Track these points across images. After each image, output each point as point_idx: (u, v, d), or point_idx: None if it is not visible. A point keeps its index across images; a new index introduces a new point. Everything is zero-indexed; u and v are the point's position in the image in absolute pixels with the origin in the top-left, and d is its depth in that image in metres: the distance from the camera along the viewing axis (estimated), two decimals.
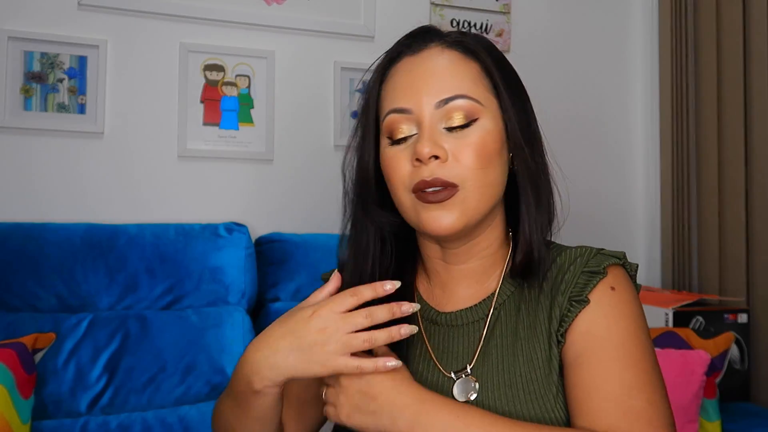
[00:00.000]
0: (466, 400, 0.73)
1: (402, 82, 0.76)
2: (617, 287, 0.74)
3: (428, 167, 0.72)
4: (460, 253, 0.79)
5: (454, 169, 0.72)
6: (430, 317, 0.81)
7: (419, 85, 0.74)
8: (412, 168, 0.73)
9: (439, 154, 0.72)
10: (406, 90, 0.75)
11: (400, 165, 0.74)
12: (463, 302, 0.80)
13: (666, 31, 2.08)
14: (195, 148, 1.72)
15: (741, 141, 1.87)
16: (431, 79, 0.74)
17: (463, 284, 0.80)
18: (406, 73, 0.76)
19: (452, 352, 0.78)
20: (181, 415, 1.31)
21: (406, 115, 0.74)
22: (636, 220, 2.21)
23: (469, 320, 0.78)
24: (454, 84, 0.74)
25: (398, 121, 0.75)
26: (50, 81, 1.61)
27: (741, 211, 1.87)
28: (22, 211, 1.56)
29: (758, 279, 1.81)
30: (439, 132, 0.73)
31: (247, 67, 1.77)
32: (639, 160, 2.21)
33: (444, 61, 0.75)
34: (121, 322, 1.39)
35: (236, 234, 1.56)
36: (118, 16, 1.67)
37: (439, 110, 0.73)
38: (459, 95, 0.73)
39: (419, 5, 1.97)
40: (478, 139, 0.73)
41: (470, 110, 0.74)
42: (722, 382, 1.53)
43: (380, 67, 0.80)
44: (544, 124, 0.86)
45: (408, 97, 0.75)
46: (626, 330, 0.71)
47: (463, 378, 0.75)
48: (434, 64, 0.75)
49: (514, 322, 0.76)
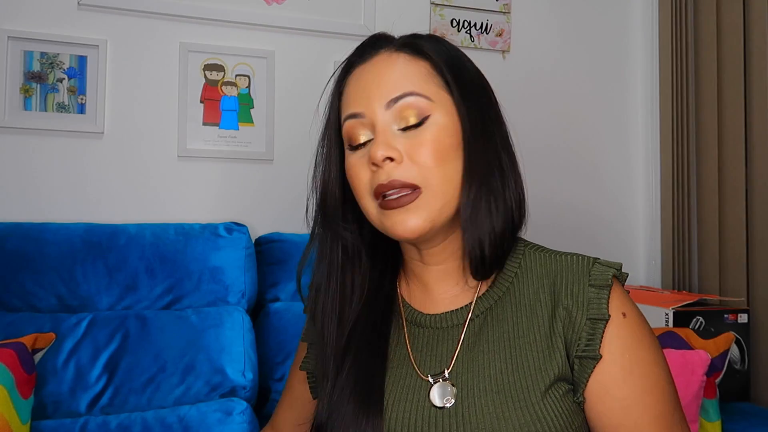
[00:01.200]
0: (442, 406, 0.72)
1: (354, 89, 0.77)
2: (626, 311, 0.73)
3: (384, 170, 0.71)
4: (436, 253, 0.78)
5: (411, 170, 0.71)
6: (414, 319, 0.80)
7: (369, 89, 0.75)
8: (371, 173, 0.73)
9: (392, 156, 0.71)
10: (358, 95, 0.76)
11: (361, 172, 0.75)
12: (445, 305, 0.79)
13: (666, 31, 2.08)
14: (195, 148, 1.72)
15: (741, 141, 1.87)
16: (380, 82, 0.75)
17: (444, 285, 0.80)
18: (357, 80, 0.78)
19: (433, 355, 0.77)
20: (181, 415, 1.31)
21: (359, 120, 0.75)
22: (636, 220, 2.21)
23: (452, 323, 0.77)
24: (402, 83, 0.74)
25: (354, 127, 0.75)
26: (50, 81, 1.61)
27: (741, 211, 1.87)
28: (21, 211, 1.56)
29: (758, 279, 1.81)
30: (392, 134, 0.73)
31: (247, 67, 1.77)
32: (639, 159, 2.21)
33: (392, 63, 0.76)
34: (121, 322, 1.39)
35: (236, 234, 1.55)
36: (118, 16, 1.67)
37: (390, 111, 0.73)
38: (407, 93, 0.73)
39: (419, 5, 1.97)
40: (431, 135, 0.72)
41: (420, 107, 0.73)
42: (722, 382, 1.53)
43: (338, 79, 0.82)
44: (543, 123, 0.86)
45: (359, 102, 0.75)
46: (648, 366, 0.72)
47: (441, 383, 0.74)
48: (382, 68, 0.76)
49: (504, 330, 0.74)
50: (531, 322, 0.74)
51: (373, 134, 0.74)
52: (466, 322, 0.76)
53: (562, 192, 2.09)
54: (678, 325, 1.64)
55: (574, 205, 2.10)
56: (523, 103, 2.01)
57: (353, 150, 0.76)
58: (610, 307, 0.72)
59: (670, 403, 0.71)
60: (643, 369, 0.70)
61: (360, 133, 0.75)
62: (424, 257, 0.79)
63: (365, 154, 0.74)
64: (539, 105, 2.06)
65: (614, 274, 0.74)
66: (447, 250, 0.78)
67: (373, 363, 0.77)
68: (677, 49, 2.03)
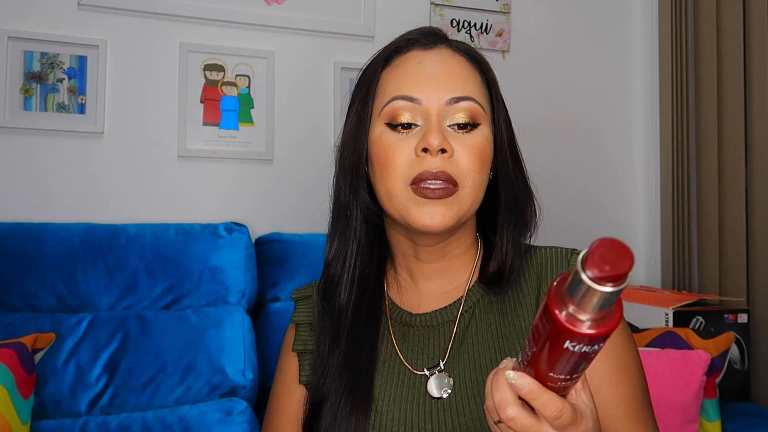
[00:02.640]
0: (440, 396, 0.73)
1: (412, 72, 0.76)
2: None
3: (435, 159, 0.71)
4: (434, 251, 0.79)
5: (457, 168, 0.72)
6: (402, 320, 0.81)
7: (431, 79, 0.74)
8: (415, 158, 0.72)
9: (447, 149, 0.72)
10: (417, 80, 0.75)
11: (400, 154, 0.73)
12: (434, 303, 0.80)
13: (666, 31, 2.08)
14: (195, 148, 1.72)
15: (741, 141, 1.87)
16: (443, 76, 0.75)
17: (434, 283, 0.81)
18: (416, 64, 0.76)
19: (425, 352, 0.78)
20: (181, 415, 1.31)
21: (413, 104, 0.74)
22: (636, 220, 2.21)
23: (442, 320, 0.79)
24: (465, 86, 0.75)
25: (403, 108, 0.74)
26: (50, 81, 1.61)
27: (741, 211, 1.87)
28: (21, 211, 1.56)
29: (758, 279, 1.81)
30: (445, 129, 0.74)
31: (247, 67, 1.77)
32: (639, 160, 2.21)
33: (455, 62, 0.76)
34: (121, 322, 1.39)
35: (236, 234, 1.55)
36: (118, 16, 1.67)
37: (448, 107, 0.74)
38: (469, 97, 0.74)
39: (419, 5, 1.97)
40: (479, 143, 0.74)
41: (476, 114, 0.75)
42: (722, 382, 1.53)
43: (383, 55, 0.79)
44: (543, 123, 0.88)
45: (418, 87, 0.74)
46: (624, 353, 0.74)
47: (437, 374, 0.75)
48: (446, 63, 0.76)
49: (490, 321, 0.77)
50: (516, 312, 0.76)
51: (423, 122, 0.74)
52: (456, 318, 0.78)
53: (562, 192, 2.09)
54: (678, 325, 1.64)
55: (574, 205, 2.10)
56: (523, 104, 2.01)
57: (393, 129, 0.75)
58: None
59: (639, 389, 0.73)
60: (614, 352, 0.73)
61: (407, 115, 0.74)
62: (421, 254, 0.80)
63: (408, 137, 0.73)
64: (539, 105, 2.06)
65: None
66: (444, 249, 0.79)
67: (362, 361, 0.77)
68: (677, 49, 2.03)
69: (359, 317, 0.79)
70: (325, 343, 0.80)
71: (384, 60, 0.78)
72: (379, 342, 0.79)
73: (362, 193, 0.78)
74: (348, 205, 0.79)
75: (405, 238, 0.80)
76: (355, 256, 0.80)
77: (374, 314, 0.80)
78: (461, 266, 0.81)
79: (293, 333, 0.87)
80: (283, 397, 0.86)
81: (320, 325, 0.83)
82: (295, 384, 0.84)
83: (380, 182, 0.75)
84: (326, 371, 0.78)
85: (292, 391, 0.85)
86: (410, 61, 0.76)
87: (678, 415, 1.37)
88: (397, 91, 0.75)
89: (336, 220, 0.81)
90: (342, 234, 0.81)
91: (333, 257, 0.81)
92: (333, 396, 0.75)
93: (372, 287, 0.81)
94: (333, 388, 0.76)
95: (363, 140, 0.77)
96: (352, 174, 0.78)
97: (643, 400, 0.74)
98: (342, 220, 0.80)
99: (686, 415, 1.38)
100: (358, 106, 0.79)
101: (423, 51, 0.77)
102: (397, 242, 0.81)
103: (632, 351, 0.75)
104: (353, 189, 0.78)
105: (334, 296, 0.80)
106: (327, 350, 0.79)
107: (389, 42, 0.80)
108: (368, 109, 0.77)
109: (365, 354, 0.77)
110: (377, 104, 0.77)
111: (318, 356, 0.81)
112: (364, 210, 0.79)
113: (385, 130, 0.75)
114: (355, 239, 0.80)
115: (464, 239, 0.80)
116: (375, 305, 0.81)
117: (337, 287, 0.80)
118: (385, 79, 0.77)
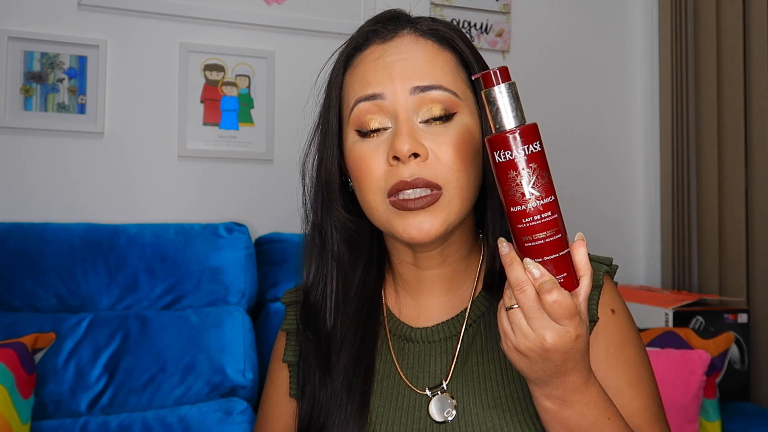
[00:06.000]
0: (443, 420, 0.68)
1: (372, 68, 0.68)
2: (615, 308, 0.72)
3: (407, 167, 0.64)
4: (433, 256, 0.73)
5: (435, 169, 0.65)
6: (401, 334, 0.75)
7: (392, 70, 0.67)
8: (388, 167, 0.66)
9: (419, 152, 0.64)
10: (378, 75, 0.67)
11: (373, 164, 0.67)
12: (437, 315, 0.75)
13: (666, 31, 2.08)
14: (195, 148, 1.72)
15: (741, 141, 1.87)
16: (405, 64, 0.67)
17: (435, 292, 0.75)
18: (376, 58, 0.69)
19: (426, 370, 0.72)
20: (181, 415, 1.31)
21: (377, 102, 0.67)
22: (636, 220, 2.21)
23: (444, 336, 0.73)
24: (431, 73, 0.67)
25: (369, 111, 0.67)
26: (50, 81, 1.61)
27: (741, 211, 1.86)
28: (21, 211, 1.56)
29: (758, 279, 1.81)
30: (416, 127, 0.66)
31: (247, 67, 1.77)
32: (639, 160, 2.21)
33: (419, 49, 0.69)
34: (121, 322, 1.39)
35: (236, 234, 1.55)
36: (118, 16, 1.67)
37: (415, 98, 0.66)
38: (436, 86, 0.67)
39: (419, 5, 1.96)
40: (457, 135, 0.66)
41: (449, 103, 0.67)
42: (722, 382, 1.53)
43: (343, 55, 0.73)
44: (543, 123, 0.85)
45: (379, 82, 0.67)
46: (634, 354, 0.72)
47: (440, 395, 0.70)
48: (408, 50, 0.68)
49: (497, 338, 0.69)
50: None
51: (391, 122, 0.67)
52: (460, 334, 0.72)
53: (562, 192, 2.07)
54: (678, 324, 1.64)
55: (574, 205, 2.10)
56: (522, 104, 2.01)
57: (363, 137, 0.68)
58: (600, 305, 0.71)
59: (654, 400, 0.71)
60: (627, 364, 0.70)
61: (375, 118, 0.67)
62: (420, 261, 0.74)
63: (379, 144, 0.67)
64: (539, 105, 2.06)
65: (605, 271, 0.72)
66: (444, 253, 0.73)
67: (358, 384, 0.71)
68: (677, 49, 2.03)
69: (352, 334, 0.73)
70: (315, 374, 0.74)
71: (344, 61, 0.72)
72: (376, 358, 0.74)
73: (337, 210, 0.72)
74: (322, 225, 0.74)
75: (403, 246, 0.74)
76: (337, 278, 0.74)
77: (371, 328, 0.75)
78: (464, 271, 0.75)
79: (283, 342, 0.83)
80: (273, 410, 0.82)
81: (306, 347, 0.77)
82: (285, 397, 0.80)
83: (360, 195, 0.70)
84: (320, 403, 0.72)
85: (282, 404, 0.81)
86: (370, 57, 0.69)
87: (678, 415, 1.37)
88: (359, 92, 0.68)
89: (311, 242, 0.75)
90: (320, 256, 0.75)
91: (312, 283, 0.75)
92: (328, 428, 0.70)
93: (368, 302, 0.74)
94: (329, 419, 0.71)
95: (332, 153, 0.72)
96: (323, 191, 0.73)
97: (659, 411, 0.71)
98: (317, 240, 0.74)
99: (686, 415, 1.38)
100: (323, 116, 0.74)
101: (383, 44, 0.69)
102: (396, 252, 0.76)
103: (645, 362, 0.72)
104: (325, 207, 0.73)
105: (318, 324, 0.75)
106: (318, 382, 0.74)
107: (350, 36, 0.74)
108: (335, 119, 0.72)
109: (361, 376, 0.71)
110: (345, 111, 0.71)
111: (309, 386, 0.75)
112: (340, 227, 0.73)
113: (357, 139, 0.69)
114: (333, 260, 0.74)
115: (463, 241, 0.75)
116: (372, 318, 0.75)
117: (321, 314, 0.74)
118: (348, 81, 0.71)
